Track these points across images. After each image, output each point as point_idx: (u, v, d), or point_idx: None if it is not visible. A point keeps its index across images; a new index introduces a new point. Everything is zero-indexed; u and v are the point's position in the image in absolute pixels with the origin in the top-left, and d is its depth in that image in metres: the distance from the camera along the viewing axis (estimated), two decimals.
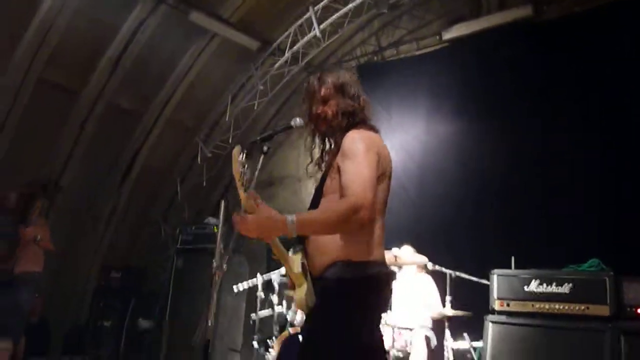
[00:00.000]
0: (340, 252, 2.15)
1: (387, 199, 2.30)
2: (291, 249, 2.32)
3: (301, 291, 2.21)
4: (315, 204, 2.28)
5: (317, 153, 2.43)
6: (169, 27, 7.57)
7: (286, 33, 7.71)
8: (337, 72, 2.41)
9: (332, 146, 2.34)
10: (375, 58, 8.46)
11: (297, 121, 2.37)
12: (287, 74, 7.93)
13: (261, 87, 8.05)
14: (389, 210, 2.30)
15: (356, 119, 2.32)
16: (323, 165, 2.38)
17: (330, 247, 2.17)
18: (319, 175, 2.37)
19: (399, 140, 7.39)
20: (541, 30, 6.62)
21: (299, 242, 2.30)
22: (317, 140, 2.41)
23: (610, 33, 5.82)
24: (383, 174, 2.25)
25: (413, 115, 7.42)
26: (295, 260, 2.27)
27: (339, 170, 2.20)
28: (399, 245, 5.40)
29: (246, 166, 2.07)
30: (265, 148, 2.35)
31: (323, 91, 2.36)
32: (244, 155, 2.09)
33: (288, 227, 2.01)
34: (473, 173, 6.58)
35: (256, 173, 2.25)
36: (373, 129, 2.35)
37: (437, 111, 7.19)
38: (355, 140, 2.21)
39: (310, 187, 7.45)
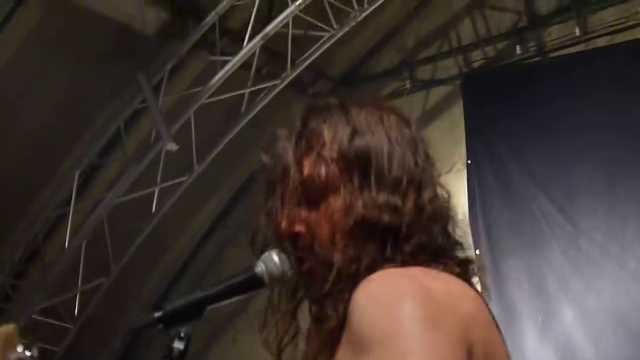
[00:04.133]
0: None
1: None
2: None
3: None
4: None
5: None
6: None
7: None
8: (352, 103, 1.45)
9: (325, 318, 1.50)
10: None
11: (273, 263, 1.42)
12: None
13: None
14: None
15: (418, 251, 1.38)
16: None
17: None
18: None
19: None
20: None
21: None
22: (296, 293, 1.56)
23: None
24: None
25: None
26: None
27: None
28: None
29: None
30: (177, 346, 1.34)
31: (314, 162, 1.42)
32: (33, 350, 1.20)
33: None
34: None
35: None
36: (452, 266, 1.41)
37: None
38: (388, 301, 1.32)
39: None
